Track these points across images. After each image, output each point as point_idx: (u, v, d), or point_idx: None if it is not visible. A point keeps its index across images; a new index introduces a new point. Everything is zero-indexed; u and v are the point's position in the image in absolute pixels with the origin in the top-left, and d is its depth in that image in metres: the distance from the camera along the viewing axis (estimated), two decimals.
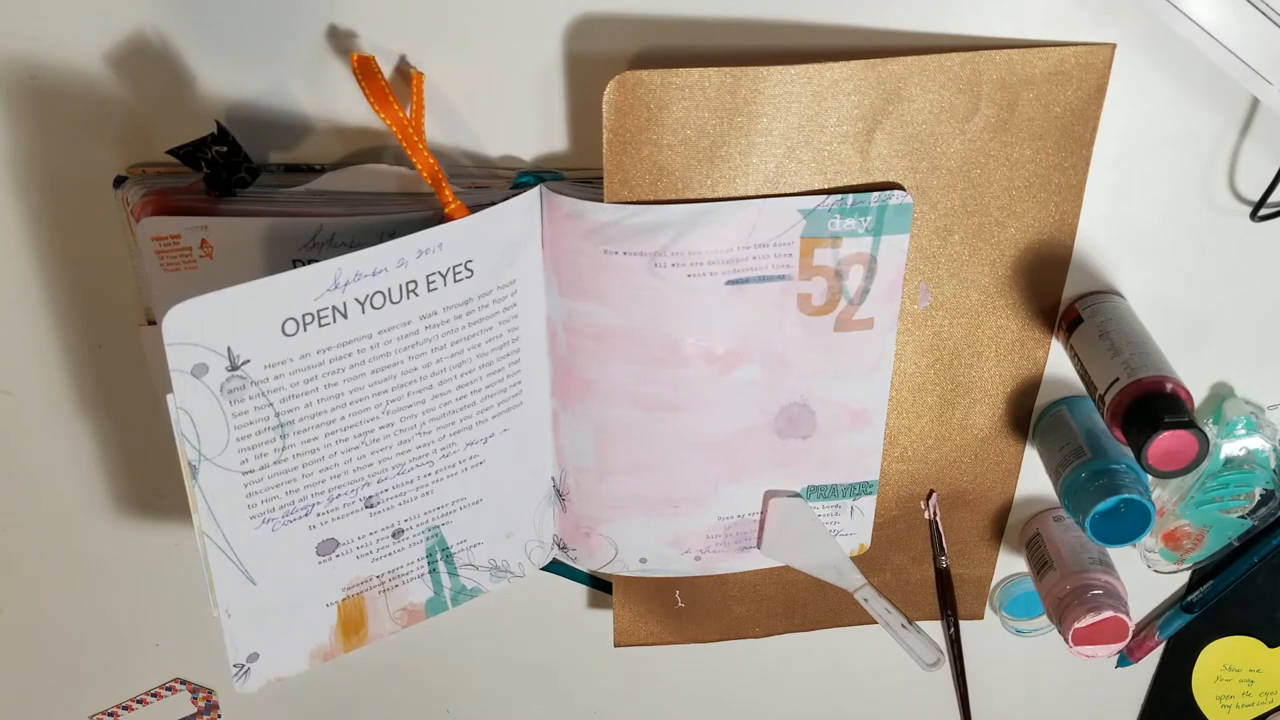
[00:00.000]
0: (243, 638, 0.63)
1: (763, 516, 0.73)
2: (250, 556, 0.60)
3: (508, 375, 0.65)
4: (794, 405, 0.69)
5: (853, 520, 0.74)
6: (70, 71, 0.60)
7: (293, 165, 0.63)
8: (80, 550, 0.77)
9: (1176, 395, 0.61)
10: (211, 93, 0.61)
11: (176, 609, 0.80)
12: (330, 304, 0.56)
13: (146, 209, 0.60)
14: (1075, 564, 0.73)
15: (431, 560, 0.68)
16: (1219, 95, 0.63)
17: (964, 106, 0.61)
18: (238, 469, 0.58)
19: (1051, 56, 0.60)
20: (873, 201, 0.62)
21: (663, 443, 0.69)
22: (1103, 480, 0.66)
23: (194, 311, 0.53)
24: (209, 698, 0.86)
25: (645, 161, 0.61)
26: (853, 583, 0.75)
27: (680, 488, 0.71)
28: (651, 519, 0.72)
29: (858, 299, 0.65)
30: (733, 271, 0.63)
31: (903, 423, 0.72)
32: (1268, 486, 0.72)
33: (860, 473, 0.72)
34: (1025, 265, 0.67)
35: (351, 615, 0.67)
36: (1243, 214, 0.66)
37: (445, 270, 0.59)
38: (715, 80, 0.59)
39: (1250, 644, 0.82)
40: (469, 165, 0.64)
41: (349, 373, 0.59)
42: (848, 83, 0.60)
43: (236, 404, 0.56)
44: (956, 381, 0.70)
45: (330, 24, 0.60)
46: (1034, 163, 0.63)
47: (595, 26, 0.60)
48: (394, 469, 0.63)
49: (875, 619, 0.75)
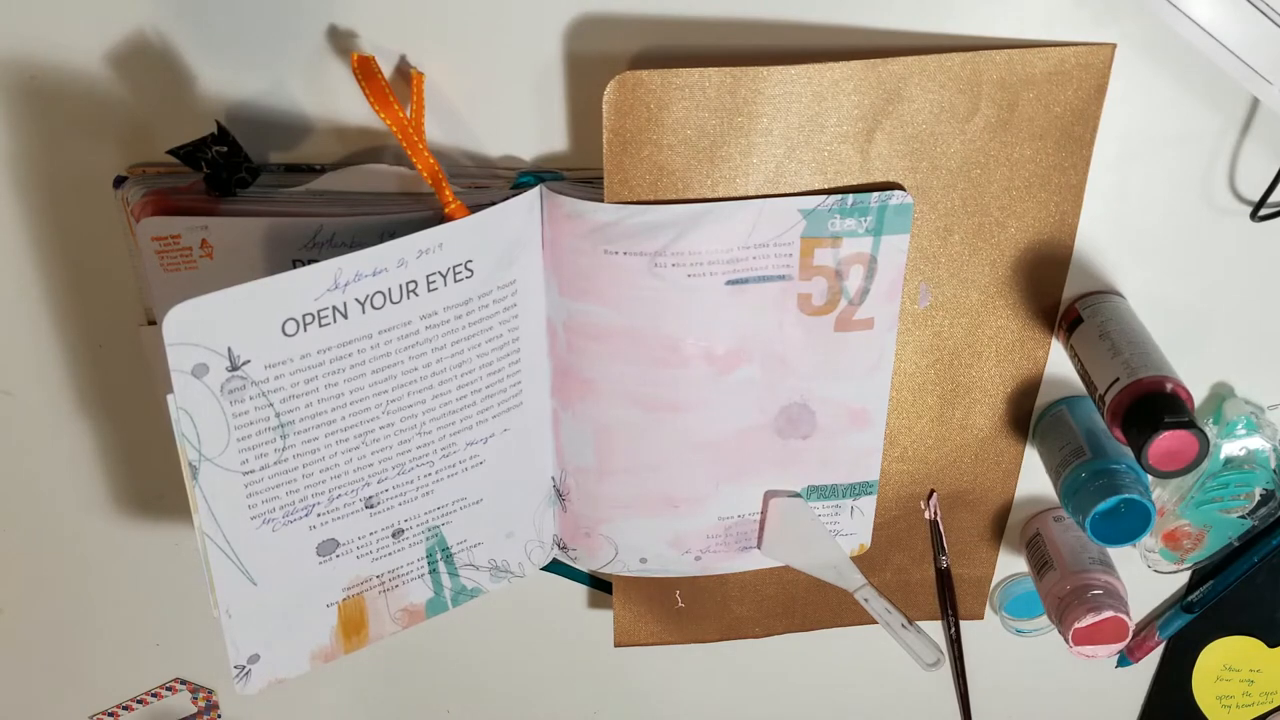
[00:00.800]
0: (243, 639, 0.62)
1: (763, 516, 0.73)
2: (250, 557, 0.60)
3: (508, 375, 0.65)
4: (794, 405, 0.69)
5: (853, 520, 0.74)
6: (70, 71, 0.60)
7: (293, 165, 0.63)
8: (80, 550, 0.77)
9: (1176, 395, 0.61)
10: (211, 93, 0.61)
11: (176, 609, 0.80)
12: (330, 304, 0.56)
13: (146, 209, 0.60)
14: (1075, 564, 0.73)
15: (432, 560, 0.68)
16: (1219, 95, 0.63)
17: (964, 106, 0.61)
18: (238, 469, 0.58)
19: (1052, 57, 0.60)
20: (873, 202, 0.62)
21: (663, 443, 0.69)
22: (1103, 480, 0.66)
23: (194, 311, 0.53)
24: (209, 698, 0.86)
25: (645, 161, 0.61)
26: (853, 583, 0.75)
27: (680, 488, 0.71)
28: (651, 519, 0.72)
29: (858, 299, 0.65)
30: (733, 271, 0.63)
31: (903, 423, 0.72)
32: (1268, 486, 0.72)
33: (860, 473, 0.72)
34: (1025, 265, 0.67)
35: (352, 616, 0.67)
36: (1243, 214, 0.66)
37: (445, 270, 0.59)
38: (715, 80, 0.59)
39: (1250, 644, 0.82)
40: (469, 165, 0.64)
41: (349, 373, 0.59)
42: (848, 83, 0.60)
43: (237, 404, 0.56)
44: (956, 381, 0.70)
45: (330, 24, 0.60)
46: (1034, 163, 0.63)
47: (595, 26, 0.60)
48: (394, 469, 0.63)
49: (875, 619, 0.75)
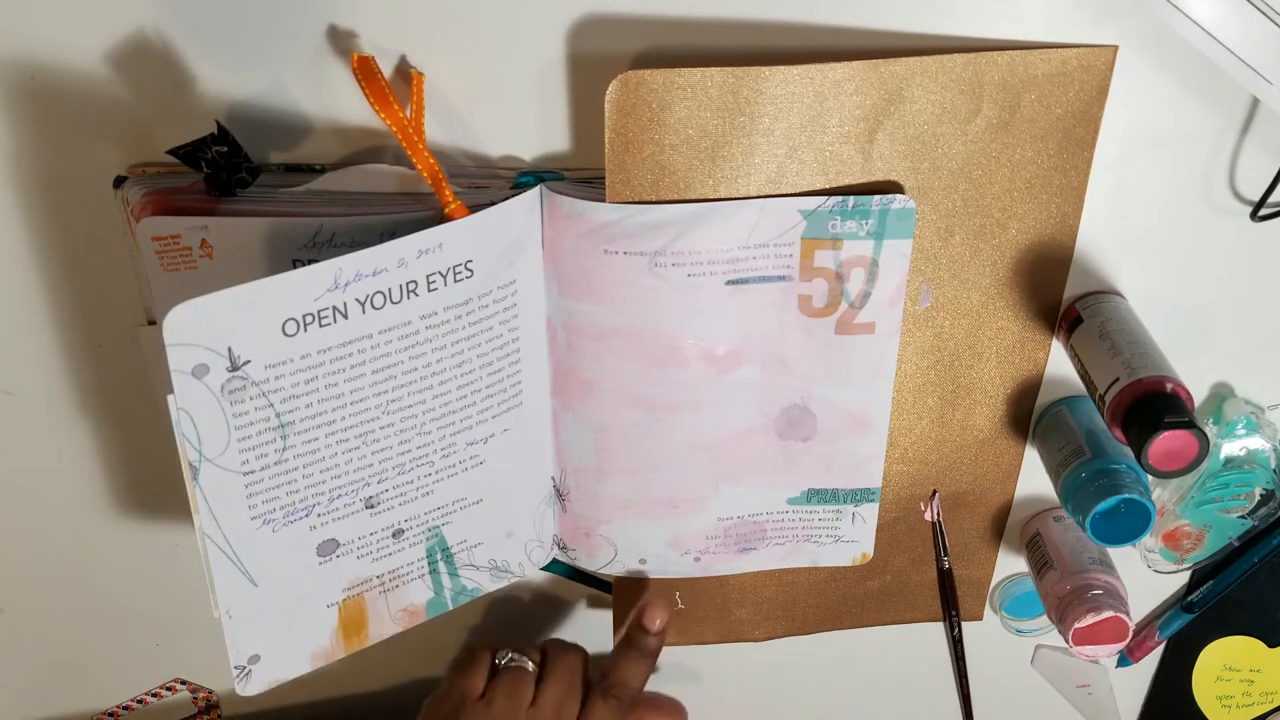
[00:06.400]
0: (244, 640, 0.62)
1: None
2: (251, 557, 0.60)
3: (508, 375, 0.65)
4: (794, 407, 0.69)
5: (854, 527, 0.73)
6: (70, 71, 0.60)
7: (293, 165, 0.63)
8: (80, 550, 0.77)
9: (1177, 395, 0.61)
10: (211, 93, 0.61)
11: (176, 609, 0.80)
12: (331, 304, 0.56)
13: (146, 209, 0.60)
14: (1075, 564, 0.73)
15: (432, 560, 0.68)
16: (1219, 95, 0.63)
17: (966, 107, 0.61)
18: (238, 470, 0.58)
19: (1053, 58, 0.60)
20: (874, 205, 0.62)
21: (663, 443, 0.69)
22: (1103, 480, 0.66)
23: (195, 312, 0.53)
24: (209, 697, 0.86)
25: (647, 161, 0.61)
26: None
27: (680, 488, 0.71)
28: (651, 520, 0.72)
29: (859, 302, 0.65)
30: (733, 271, 0.63)
31: (903, 424, 0.72)
32: (1268, 486, 0.72)
33: (862, 479, 0.72)
34: (1026, 266, 0.67)
35: (352, 616, 0.67)
36: (1243, 214, 0.66)
37: (445, 270, 0.59)
38: (717, 80, 0.59)
39: (1250, 644, 0.82)
40: (469, 165, 0.64)
41: (349, 373, 0.59)
42: (850, 83, 0.60)
43: (237, 405, 0.56)
44: (957, 382, 0.70)
45: (330, 24, 0.60)
46: (1035, 164, 0.63)
47: (597, 26, 0.60)
48: (394, 469, 0.63)
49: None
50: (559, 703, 0.69)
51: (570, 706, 0.69)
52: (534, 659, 0.71)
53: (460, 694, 0.69)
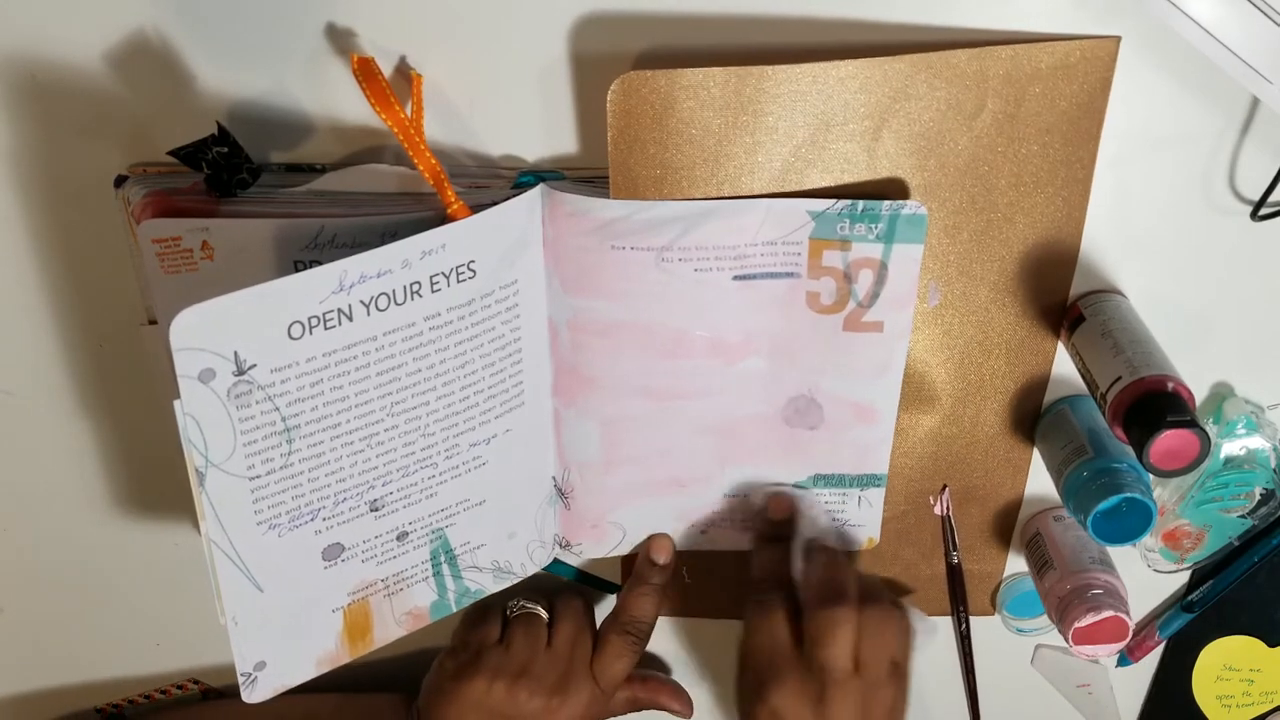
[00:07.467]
0: (250, 646, 0.62)
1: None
2: (257, 563, 0.60)
3: (510, 375, 0.65)
4: (801, 397, 0.69)
5: (860, 510, 0.74)
6: (71, 71, 0.60)
7: (294, 165, 0.63)
8: (80, 550, 0.77)
9: (1178, 394, 0.61)
10: (211, 93, 0.61)
11: (177, 609, 0.80)
12: (336, 306, 0.56)
13: (147, 210, 0.60)
14: (1075, 563, 0.73)
15: (436, 563, 0.68)
16: (1219, 95, 0.63)
17: (971, 103, 0.61)
18: (244, 475, 0.57)
19: (1057, 51, 0.60)
20: (884, 210, 0.61)
21: (670, 429, 0.69)
22: (1104, 479, 0.66)
23: (201, 316, 0.52)
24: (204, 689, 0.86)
25: (650, 161, 0.61)
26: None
27: (687, 469, 0.71)
28: (658, 499, 0.72)
29: (867, 301, 0.64)
30: (741, 267, 0.63)
31: (912, 418, 0.71)
32: (1268, 486, 0.72)
33: (869, 464, 0.72)
34: (1033, 261, 0.66)
35: (357, 620, 0.66)
36: (1243, 214, 0.66)
37: (448, 271, 0.59)
38: (720, 79, 0.59)
39: (1250, 644, 0.82)
40: (470, 165, 0.64)
41: (354, 375, 0.58)
42: (854, 80, 0.60)
43: (243, 409, 0.56)
44: (967, 379, 0.70)
45: (330, 24, 0.60)
46: (1041, 158, 0.63)
47: (599, 26, 0.60)
48: (399, 471, 0.63)
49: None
50: (574, 640, 0.72)
51: (584, 643, 0.73)
52: (543, 605, 0.74)
53: (477, 643, 0.72)
